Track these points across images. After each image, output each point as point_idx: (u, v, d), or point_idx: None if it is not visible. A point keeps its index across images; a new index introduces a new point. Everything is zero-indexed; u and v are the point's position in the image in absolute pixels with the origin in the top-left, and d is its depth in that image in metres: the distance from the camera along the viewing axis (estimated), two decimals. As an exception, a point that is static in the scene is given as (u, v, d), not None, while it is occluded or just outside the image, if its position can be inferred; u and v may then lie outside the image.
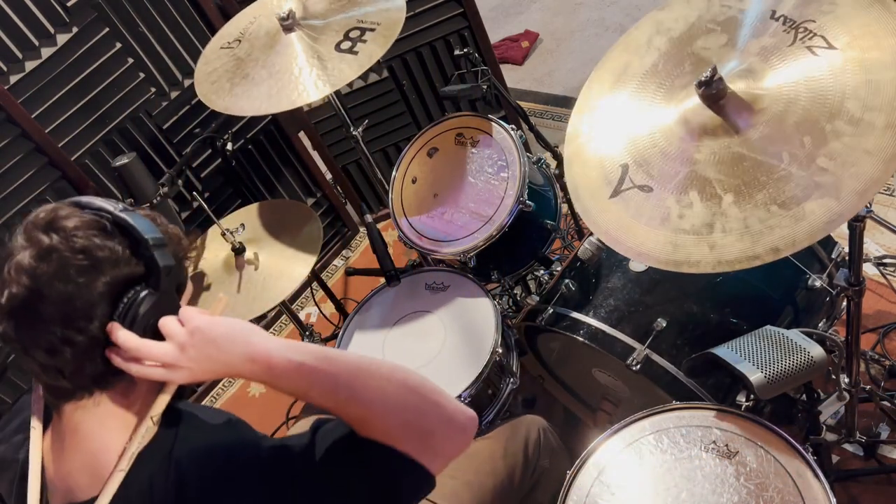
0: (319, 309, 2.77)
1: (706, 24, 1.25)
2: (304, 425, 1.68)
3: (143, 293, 0.86)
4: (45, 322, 0.83)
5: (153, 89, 2.36)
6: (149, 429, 0.90)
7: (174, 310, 0.91)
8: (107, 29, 2.20)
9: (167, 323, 0.88)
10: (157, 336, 0.88)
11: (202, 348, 0.87)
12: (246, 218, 2.10)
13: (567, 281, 1.69)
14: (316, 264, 1.98)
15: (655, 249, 1.12)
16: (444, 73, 2.68)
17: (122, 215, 0.87)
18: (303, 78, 1.71)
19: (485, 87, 1.93)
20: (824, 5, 1.13)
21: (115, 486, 0.86)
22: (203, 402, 2.73)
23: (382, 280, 1.90)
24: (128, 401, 0.91)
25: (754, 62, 1.16)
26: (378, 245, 1.82)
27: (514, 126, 1.87)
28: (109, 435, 0.90)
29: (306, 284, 2.89)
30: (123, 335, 0.85)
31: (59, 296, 0.82)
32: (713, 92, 1.12)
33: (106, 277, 0.84)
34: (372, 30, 1.74)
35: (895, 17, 1.06)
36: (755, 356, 1.25)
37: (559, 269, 1.79)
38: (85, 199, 0.89)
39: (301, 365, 0.88)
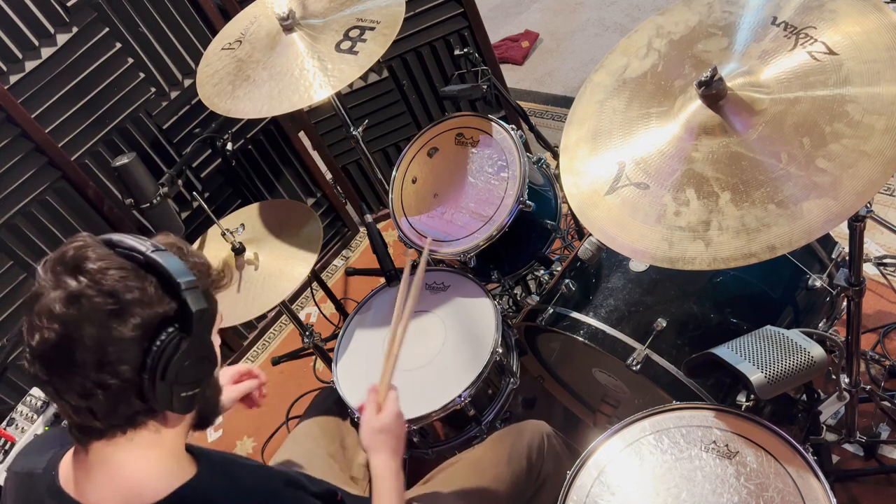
0: (319, 309, 2.77)
1: (707, 29, 1.25)
2: (304, 426, 1.69)
3: (176, 338, 0.86)
4: (77, 366, 0.82)
5: (153, 89, 2.36)
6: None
7: (206, 351, 0.92)
8: (107, 29, 2.20)
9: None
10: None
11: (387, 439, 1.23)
12: (246, 218, 2.10)
13: (567, 281, 1.68)
14: (316, 264, 1.97)
15: (651, 246, 1.12)
16: (444, 73, 2.68)
17: (154, 256, 0.87)
18: (304, 79, 1.71)
19: (485, 87, 1.92)
20: (825, 13, 1.14)
21: None
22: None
23: (382, 280, 1.90)
24: (161, 436, 0.92)
25: (755, 65, 1.16)
26: (378, 245, 1.82)
27: (514, 126, 1.87)
28: (148, 468, 0.90)
29: (306, 284, 2.89)
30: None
31: (91, 340, 0.82)
32: (713, 92, 1.12)
33: (136, 320, 0.84)
34: (371, 28, 1.74)
35: (894, 24, 1.06)
36: (755, 356, 1.25)
37: (559, 269, 1.79)
38: (116, 236, 0.89)
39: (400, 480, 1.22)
